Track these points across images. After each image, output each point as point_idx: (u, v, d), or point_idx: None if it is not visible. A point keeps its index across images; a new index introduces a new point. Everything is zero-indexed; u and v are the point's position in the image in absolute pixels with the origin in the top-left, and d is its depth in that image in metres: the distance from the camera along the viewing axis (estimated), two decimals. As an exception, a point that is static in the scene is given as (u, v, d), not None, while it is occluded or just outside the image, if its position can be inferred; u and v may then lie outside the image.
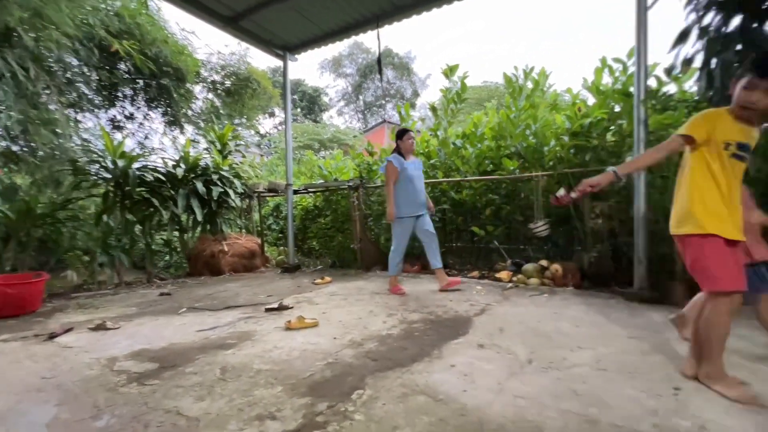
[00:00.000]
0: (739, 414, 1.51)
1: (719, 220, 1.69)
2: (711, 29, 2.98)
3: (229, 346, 2.48)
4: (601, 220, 3.69)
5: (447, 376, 1.93)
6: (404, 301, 3.47)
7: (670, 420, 1.48)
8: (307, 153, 10.64)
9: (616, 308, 3.03)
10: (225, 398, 1.77)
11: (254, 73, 10.23)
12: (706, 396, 1.65)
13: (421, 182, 3.87)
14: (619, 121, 3.94)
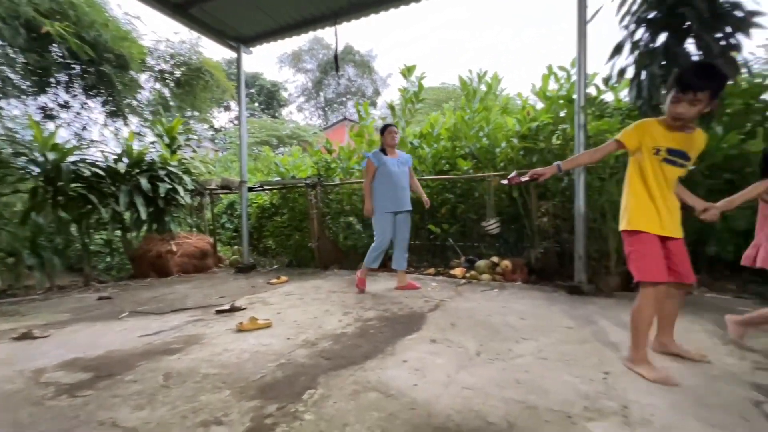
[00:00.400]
0: (658, 393, 1.67)
1: (647, 219, 1.87)
2: (641, 44, 3.26)
3: (175, 350, 2.36)
4: (546, 218, 3.92)
5: (399, 372, 1.96)
6: (361, 300, 3.48)
7: (598, 402, 1.62)
8: (264, 149, 10.32)
9: (559, 301, 3.24)
10: (167, 406, 1.68)
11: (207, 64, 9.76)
12: (631, 378, 1.82)
13: (405, 178, 3.76)
14: (563, 125, 4.20)
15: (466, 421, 1.50)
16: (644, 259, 1.85)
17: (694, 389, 1.70)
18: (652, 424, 1.45)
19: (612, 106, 3.97)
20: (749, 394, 1.64)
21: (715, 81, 1.74)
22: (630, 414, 1.52)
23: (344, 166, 5.77)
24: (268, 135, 20.02)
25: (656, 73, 3.08)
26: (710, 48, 2.84)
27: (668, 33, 3.07)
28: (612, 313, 2.85)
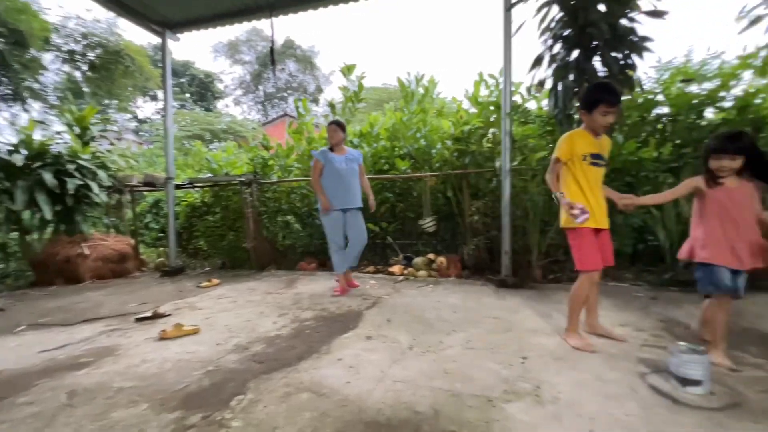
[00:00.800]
0: (565, 373, 1.87)
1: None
2: (558, 58, 3.59)
3: (83, 365, 2.12)
4: (477, 217, 4.16)
5: (333, 371, 1.96)
6: (298, 300, 3.41)
7: (516, 385, 1.76)
8: (195, 144, 9.63)
9: (487, 294, 3.46)
10: (69, 427, 1.51)
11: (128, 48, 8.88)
12: (544, 361, 2.01)
13: (353, 175, 3.68)
14: (493, 129, 4.49)
15: (395, 413, 1.55)
16: (584, 251, 2.18)
17: (595, 367, 1.92)
18: (559, 401, 1.61)
19: (534, 114, 4.33)
20: (637, 367, 1.90)
21: (619, 96, 2.14)
22: (542, 393, 1.68)
23: (282, 164, 5.60)
24: (202, 129, 18.75)
25: (570, 85, 3.42)
26: (611, 66, 3.22)
27: (579, 50, 3.43)
28: (533, 302, 3.11)
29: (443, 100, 5.63)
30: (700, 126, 3.90)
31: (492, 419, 1.49)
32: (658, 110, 4.12)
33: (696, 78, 3.99)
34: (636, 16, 3.24)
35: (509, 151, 3.72)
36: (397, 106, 5.67)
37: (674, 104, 3.98)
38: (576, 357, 2.05)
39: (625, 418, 1.48)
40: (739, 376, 1.79)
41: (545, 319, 2.68)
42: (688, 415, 1.49)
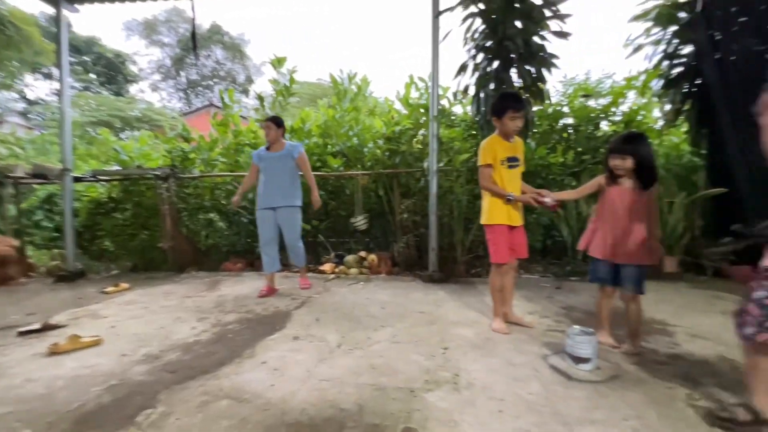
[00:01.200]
0: (480, 360, 2.02)
1: (499, 213, 2.39)
2: (480, 68, 3.84)
3: (-57, 391, 1.77)
4: (407, 215, 4.29)
5: (256, 375, 1.89)
6: (220, 303, 3.22)
7: (437, 374, 1.86)
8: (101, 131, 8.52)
9: (415, 289, 3.60)
10: None
11: (13, 15, 7.56)
12: (463, 350, 2.15)
13: (282, 173, 3.53)
14: (423, 131, 4.67)
15: (320, 412, 1.54)
16: (497, 246, 2.42)
17: (506, 352, 2.10)
18: (474, 386, 1.74)
19: (460, 118, 4.59)
20: (540, 350, 2.13)
21: (523, 102, 2.40)
22: (459, 380, 1.80)
23: (205, 157, 5.21)
24: (110, 115, 16.66)
25: (490, 93, 3.68)
26: (525, 78, 3.54)
27: (499, 61, 3.71)
28: (456, 296, 3.30)
29: (376, 99, 5.71)
30: (596, 136, 4.46)
31: (413, 409, 1.56)
32: (564, 120, 4.64)
33: (593, 94, 4.55)
34: (546, 35, 3.61)
35: (436, 152, 3.90)
36: (330, 103, 5.61)
37: (577, 116, 4.51)
38: (491, 345, 2.22)
39: (529, 396, 1.64)
40: (619, 353, 2.09)
41: (466, 311, 2.86)
42: (579, 389, 1.71)
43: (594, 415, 1.49)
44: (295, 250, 3.68)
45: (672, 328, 2.46)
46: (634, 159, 2.01)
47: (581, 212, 4.01)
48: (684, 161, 4.54)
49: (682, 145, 4.62)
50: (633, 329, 2.10)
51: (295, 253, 3.69)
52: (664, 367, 1.91)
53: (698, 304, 3.01)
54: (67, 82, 4.58)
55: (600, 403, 1.59)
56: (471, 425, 1.44)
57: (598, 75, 4.87)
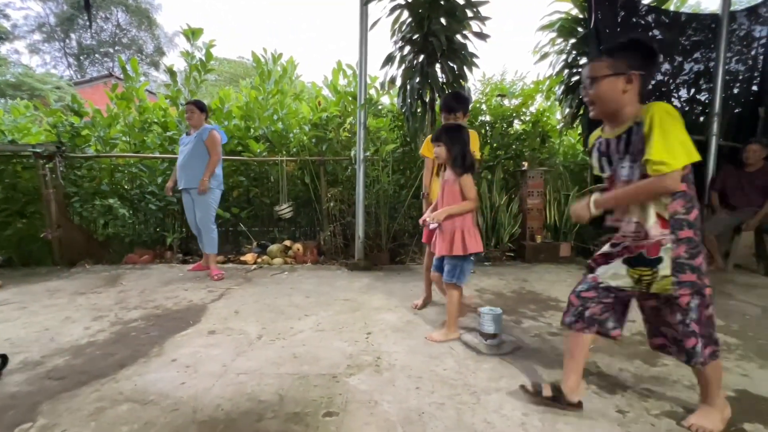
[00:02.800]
0: (401, 342, 2.11)
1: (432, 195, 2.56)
2: (407, 60, 3.92)
3: None
4: (334, 203, 4.26)
5: (164, 374, 1.74)
6: (122, 299, 2.88)
7: (359, 359, 1.90)
8: (-43, 97, 6.91)
9: (341, 277, 3.61)
10: None
11: None
12: (385, 334, 2.22)
13: (192, 155, 3.47)
14: (351, 119, 4.64)
15: (236, 407, 1.48)
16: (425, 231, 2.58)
17: (426, 333, 2.22)
18: (394, 367, 1.81)
19: (387, 108, 4.65)
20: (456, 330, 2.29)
21: (464, 104, 2.56)
22: (381, 363, 1.86)
23: (102, 135, 4.55)
24: (-30, 77, 13.63)
25: (416, 86, 3.79)
26: (448, 74, 3.70)
27: (424, 55, 3.82)
28: (380, 283, 3.39)
29: (303, 83, 5.51)
30: (510, 133, 4.88)
31: (335, 394, 1.57)
32: (482, 118, 4.98)
33: (507, 94, 4.95)
34: (468, 34, 3.81)
35: (364, 141, 3.91)
36: (252, 84, 5.28)
37: (493, 114, 4.86)
38: (411, 327, 2.33)
39: (444, 372, 1.77)
40: (521, 327, 2.35)
41: (389, 297, 2.96)
42: (487, 362, 1.88)
43: (499, 384, 1.66)
44: (204, 235, 3.60)
45: (564, 304, 2.82)
46: (446, 148, 2.08)
47: (494, 202, 4.37)
48: (578, 160, 5.19)
49: (577, 146, 5.28)
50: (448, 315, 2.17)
51: (205, 238, 3.60)
52: (556, 338, 2.19)
53: (585, 282, 3.50)
54: None
55: (504, 372, 1.77)
56: (390, 403, 1.51)
57: (511, 77, 5.28)
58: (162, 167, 4.58)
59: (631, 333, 2.19)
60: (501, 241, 4.26)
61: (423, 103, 3.83)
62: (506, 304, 2.78)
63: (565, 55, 4.70)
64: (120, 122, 4.68)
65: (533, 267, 4.05)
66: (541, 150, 4.85)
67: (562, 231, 4.37)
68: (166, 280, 3.44)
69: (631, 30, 4.34)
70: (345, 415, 1.42)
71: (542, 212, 4.40)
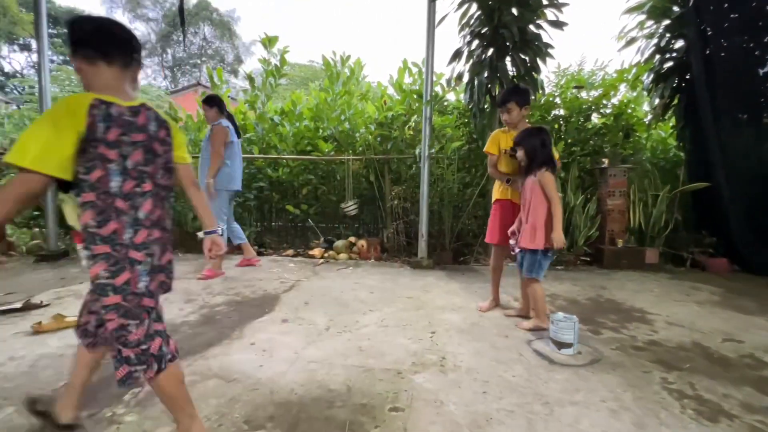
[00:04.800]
0: (466, 344, 2.06)
1: (497, 191, 2.60)
2: (475, 55, 3.82)
3: None
4: (397, 201, 4.30)
5: (245, 355, 1.90)
6: (208, 285, 3.20)
7: (423, 357, 1.90)
8: (83, 108, 8.22)
9: (404, 275, 3.63)
10: None
11: (-15, -19, 7.15)
12: (450, 335, 2.19)
13: (204, 154, 3.56)
14: (416, 117, 4.64)
15: (308, 393, 1.57)
16: (490, 226, 2.61)
17: (491, 337, 2.16)
18: (460, 369, 1.78)
19: (452, 105, 4.57)
20: (524, 336, 2.18)
21: (515, 94, 2.45)
22: (446, 363, 1.84)
23: (192, 138, 5.10)
24: (92, 91, 16.04)
25: (484, 81, 3.67)
26: (519, 67, 3.53)
27: (494, 49, 3.69)
28: (444, 282, 3.35)
29: (369, 83, 5.63)
30: (587, 128, 4.50)
31: (400, 390, 1.59)
32: (556, 112, 4.66)
33: (585, 86, 4.58)
34: (542, 23, 3.59)
35: (429, 137, 3.89)
36: (322, 86, 5.52)
37: (568, 107, 4.53)
38: (477, 329, 2.27)
39: (513, 379, 1.69)
40: (600, 338, 2.16)
41: (453, 297, 2.91)
42: (561, 372, 1.77)
43: (574, 397, 1.55)
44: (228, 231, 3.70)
45: (650, 316, 2.55)
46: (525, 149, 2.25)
47: (569, 202, 4.07)
48: (670, 155, 4.63)
49: (669, 140, 4.71)
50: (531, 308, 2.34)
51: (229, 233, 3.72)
52: (641, 353, 1.98)
53: (676, 293, 3.12)
54: (46, 54, 4.39)
55: (580, 385, 1.65)
56: (456, 405, 1.48)
57: (591, 66, 4.87)
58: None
59: (739, 355, 1.91)
60: (575, 244, 3.96)
61: (491, 98, 3.70)
62: (582, 312, 2.59)
63: (656, 39, 4.22)
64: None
65: (613, 274, 3.71)
66: (624, 145, 4.41)
67: (649, 235, 3.93)
68: (245, 270, 3.75)
69: (740, 5, 3.75)
70: (411, 412, 1.43)
71: (624, 214, 4.01)
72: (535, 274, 2.23)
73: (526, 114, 2.53)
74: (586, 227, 3.96)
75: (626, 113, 4.48)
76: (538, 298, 2.24)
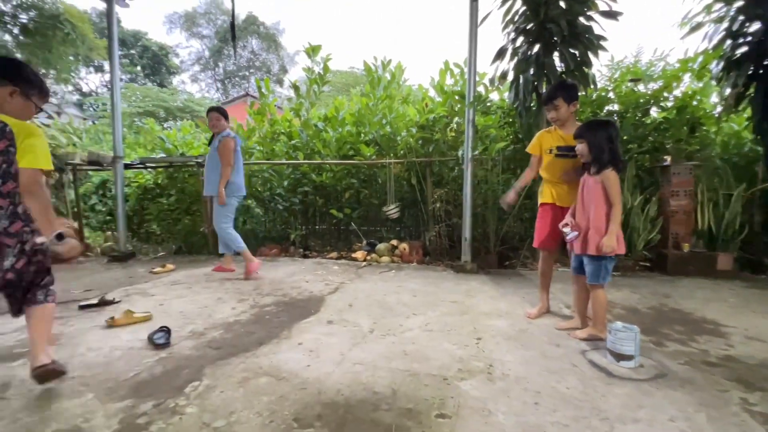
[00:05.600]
0: (515, 351, 1.99)
1: (543, 193, 2.51)
2: (520, 52, 3.69)
3: (18, 356, 1.98)
4: (439, 204, 4.25)
5: (293, 355, 1.96)
6: (258, 286, 3.35)
7: (470, 364, 1.85)
8: (147, 121, 9.00)
9: (447, 278, 3.58)
10: (4, 421, 1.41)
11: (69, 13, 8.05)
12: (497, 341, 2.12)
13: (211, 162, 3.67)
14: (458, 119, 4.57)
15: (354, 394, 1.58)
16: (537, 230, 2.51)
17: (541, 345, 2.06)
18: (508, 377, 1.72)
19: (496, 105, 4.44)
20: (578, 345, 2.06)
21: (562, 90, 2.34)
22: (493, 371, 1.78)
23: (243, 146, 5.38)
24: (155, 105, 17.55)
25: (530, 79, 3.54)
26: (569, 62, 3.36)
27: (540, 45, 3.54)
28: (488, 287, 3.25)
29: (410, 87, 5.64)
30: (645, 123, 4.19)
31: (446, 396, 1.56)
32: (609, 107, 4.38)
33: (643, 78, 4.26)
34: (593, 14, 3.40)
35: (472, 139, 3.81)
36: (363, 91, 5.61)
37: (623, 102, 4.24)
38: (525, 337, 2.18)
39: (566, 390, 1.60)
40: (665, 351, 1.99)
41: (499, 302, 2.82)
42: (620, 386, 1.64)
43: (637, 414, 1.43)
44: (219, 236, 3.77)
45: (725, 329, 2.31)
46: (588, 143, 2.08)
47: (625, 203, 3.80)
48: (745, 150, 4.18)
49: (744, 133, 4.25)
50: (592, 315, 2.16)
51: (220, 240, 3.79)
52: (715, 369, 1.79)
53: (755, 304, 2.79)
54: (117, 75, 4.85)
55: (644, 401, 1.52)
56: (506, 415, 1.43)
57: (649, 57, 4.52)
58: (287, 172, 5.19)
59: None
60: (633, 248, 3.68)
61: (538, 96, 3.55)
62: (642, 322, 2.40)
63: (727, 23, 3.82)
64: (256, 134, 5.46)
65: (678, 281, 3.41)
66: (689, 141, 4.04)
67: (721, 239, 3.57)
68: (291, 271, 3.89)
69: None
70: (457, 420, 1.40)
71: (691, 215, 3.67)
72: (601, 280, 2.06)
73: (575, 110, 2.40)
74: (645, 230, 3.67)
75: (691, 106, 4.11)
76: (600, 305, 2.09)
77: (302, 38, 57.45)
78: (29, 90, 1.65)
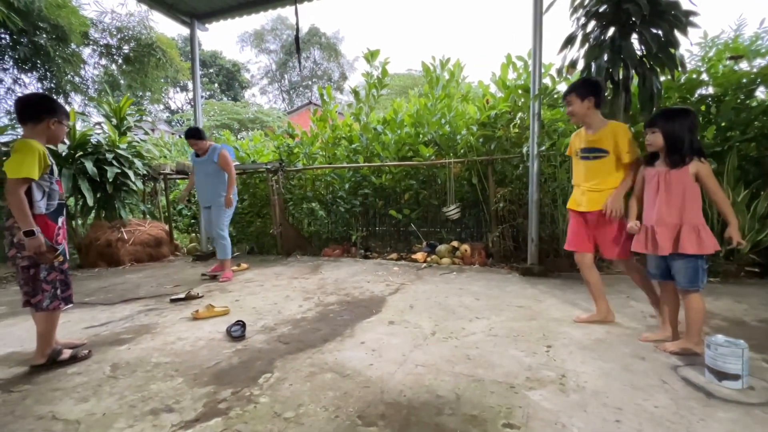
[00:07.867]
0: (591, 362, 1.83)
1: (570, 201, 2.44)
2: (591, 37, 3.40)
3: (124, 341, 2.27)
4: (503, 204, 4.07)
5: (356, 353, 2.01)
6: (322, 285, 3.49)
7: (539, 372, 1.74)
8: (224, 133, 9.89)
9: (512, 282, 3.41)
10: (114, 396, 1.63)
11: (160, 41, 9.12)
12: (570, 350, 1.97)
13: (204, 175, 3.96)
14: (521, 114, 4.34)
15: (416, 396, 1.57)
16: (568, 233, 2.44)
17: (623, 357, 1.87)
18: (584, 390, 1.58)
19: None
20: (669, 359, 1.83)
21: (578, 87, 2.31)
22: (566, 382, 1.65)
23: (307, 151, 5.66)
24: (230, 118, 19.19)
25: (604, 65, 3.24)
26: (650, 44, 3.02)
27: (615, 27, 3.23)
28: (558, 291, 3.04)
29: (469, 84, 5.49)
30: (750, 107, 3.61)
31: (514, 405, 1.48)
32: (702, 90, 3.85)
33: (747, 54, 3.68)
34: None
35: (537, 135, 3.60)
36: (421, 92, 5.59)
37: (720, 84, 3.70)
38: (603, 347, 1.99)
39: (655, 410, 1.43)
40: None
41: (572, 309, 2.62)
42: (724, 409, 1.43)
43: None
44: (216, 243, 4.03)
45: None
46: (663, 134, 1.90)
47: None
48: None
49: None
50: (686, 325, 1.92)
51: (218, 246, 4.02)
52: None
53: None
54: (198, 93, 5.39)
55: (755, 430, 1.30)
56: (582, 430, 1.32)
57: (754, 29, 3.89)
58: (348, 175, 5.35)
59: None
60: (737, 251, 3.19)
61: (614, 83, 3.24)
62: (751, 336, 2.06)
63: None
64: (318, 140, 5.71)
65: (797, 289, 2.88)
66: (809, 124, 3.41)
67: None
68: (353, 272, 3.99)
69: None
70: (527, 431, 1.32)
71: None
72: (700, 283, 1.83)
73: (591, 107, 2.27)
74: (753, 230, 3.16)
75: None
76: (697, 314, 1.85)
77: (361, 44, 59.01)
78: (63, 118, 2.03)
